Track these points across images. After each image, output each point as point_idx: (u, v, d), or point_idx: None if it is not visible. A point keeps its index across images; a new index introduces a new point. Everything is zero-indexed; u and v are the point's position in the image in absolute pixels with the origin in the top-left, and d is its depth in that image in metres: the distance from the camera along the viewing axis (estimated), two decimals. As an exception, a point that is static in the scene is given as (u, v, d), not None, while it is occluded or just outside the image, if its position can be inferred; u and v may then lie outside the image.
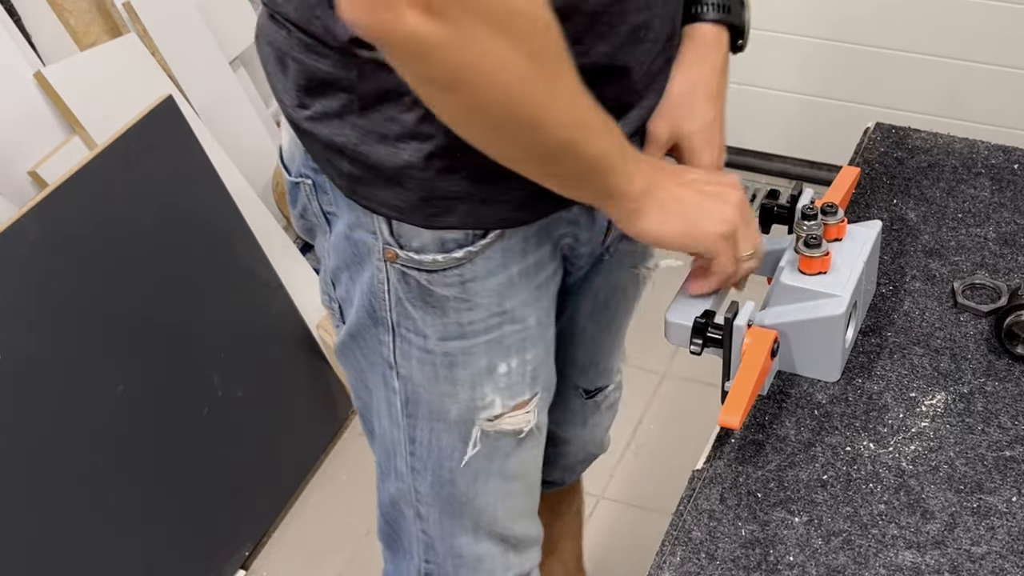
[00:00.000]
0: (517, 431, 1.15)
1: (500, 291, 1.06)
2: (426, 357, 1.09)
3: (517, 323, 1.09)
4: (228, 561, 2.00)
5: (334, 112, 0.98)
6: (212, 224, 2.01)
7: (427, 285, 1.04)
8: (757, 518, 1.01)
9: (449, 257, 1.02)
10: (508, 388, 1.12)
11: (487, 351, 1.09)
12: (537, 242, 1.07)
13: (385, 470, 1.22)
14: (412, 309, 1.06)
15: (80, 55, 2.02)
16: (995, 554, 0.97)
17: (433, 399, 1.11)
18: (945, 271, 1.24)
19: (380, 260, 1.04)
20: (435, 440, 1.14)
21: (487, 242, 1.03)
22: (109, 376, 1.77)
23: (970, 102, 2.55)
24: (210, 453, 1.95)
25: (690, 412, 2.21)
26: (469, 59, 0.80)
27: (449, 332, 1.07)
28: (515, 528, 1.24)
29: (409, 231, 1.02)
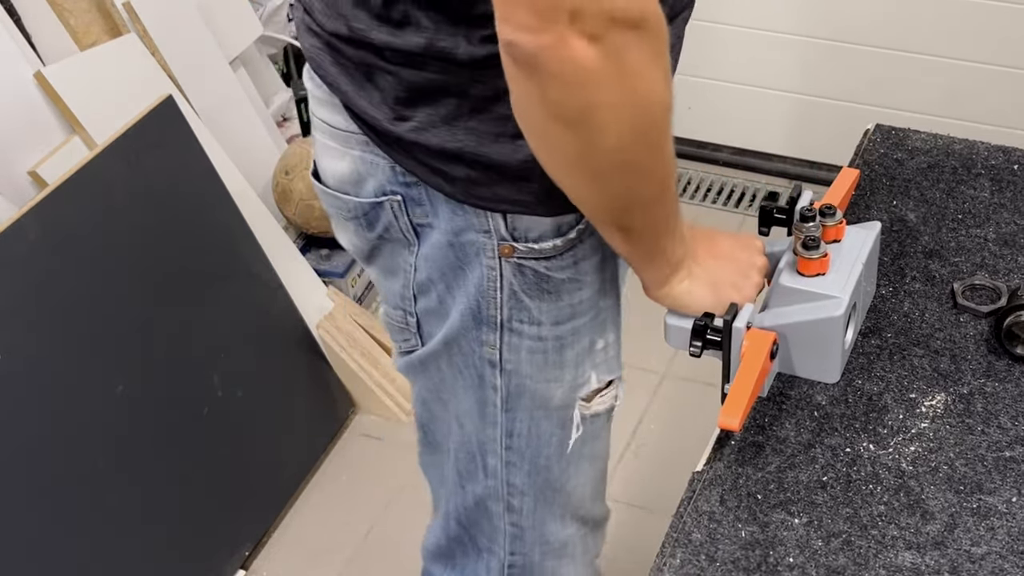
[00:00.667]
0: (609, 409, 1.19)
1: (601, 268, 1.10)
2: (537, 345, 1.10)
3: (610, 298, 1.13)
4: (228, 561, 2.00)
5: (440, 119, 0.97)
6: (212, 224, 2.01)
7: (545, 272, 1.06)
8: (757, 519, 1.01)
9: (567, 239, 1.04)
10: (605, 363, 1.16)
11: (590, 328, 1.12)
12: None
13: (468, 474, 1.21)
14: (528, 300, 1.07)
15: (80, 55, 2.02)
16: (995, 555, 0.97)
17: (539, 387, 1.13)
18: (945, 272, 1.24)
19: (492, 258, 1.05)
20: (534, 429, 1.16)
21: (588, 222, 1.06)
22: (109, 376, 1.77)
23: (970, 102, 2.55)
24: (210, 453, 1.95)
25: (690, 412, 2.21)
26: (616, 93, 0.83)
27: (562, 315, 1.09)
28: (595, 509, 1.28)
29: (527, 223, 1.03)
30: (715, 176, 2.92)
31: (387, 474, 2.18)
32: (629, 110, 0.85)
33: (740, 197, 2.86)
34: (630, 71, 0.82)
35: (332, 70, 1.01)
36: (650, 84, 0.85)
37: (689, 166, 2.95)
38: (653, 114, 0.87)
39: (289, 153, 2.31)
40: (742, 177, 2.91)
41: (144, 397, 1.82)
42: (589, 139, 0.87)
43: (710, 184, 2.90)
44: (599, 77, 0.81)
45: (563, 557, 1.26)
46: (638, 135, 0.88)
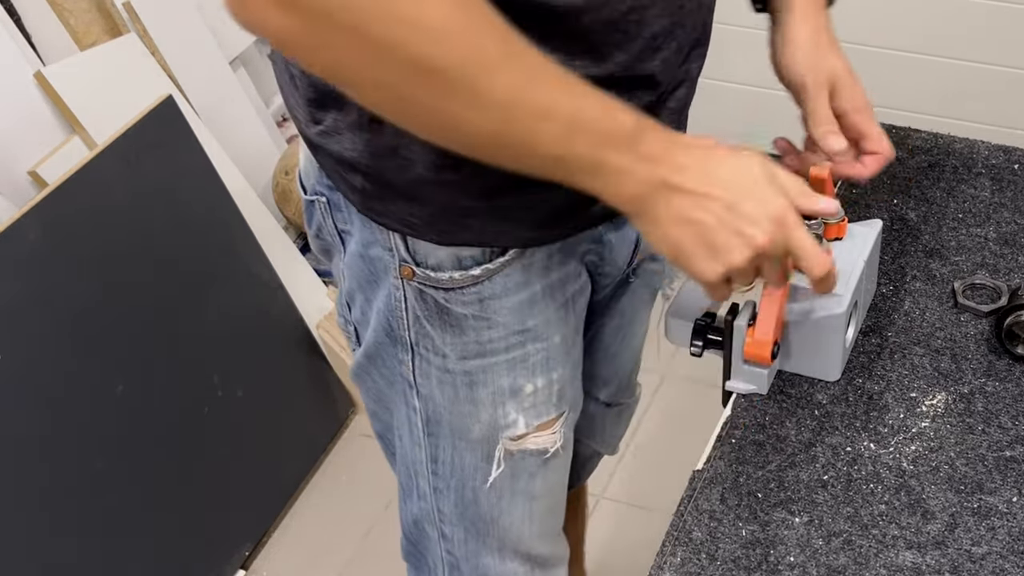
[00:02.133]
0: (542, 451, 1.13)
1: (521, 309, 1.03)
2: (446, 377, 1.06)
3: (541, 341, 1.06)
4: (228, 561, 2.00)
5: (345, 126, 0.95)
6: (212, 224, 2.01)
7: (444, 303, 1.01)
8: (758, 518, 1.01)
9: (466, 275, 0.99)
10: (533, 408, 1.09)
11: (509, 370, 1.06)
12: (562, 259, 1.04)
13: (407, 490, 1.20)
14: (430, 328, 1.03)
15: (80, 55, 2.02)
16: (996, 554, 0.97)
17: (454, 419, 1.09)
18: (945, 271, 1.24)
19: (396, 278, 1.02)
20: (458, 459, 1.12)
21: (506, 259, 1.00)
22: (109, 376, 1.77)
23: (970, 102, 2.55)
24: (210, 453, 1.95)
25: (690, 412, 2.21)
26: (330, 54, 0.76)
27: (468, 351, 1.04)
28: (541, 547, 1.22)
29: (425, 248, 0.99)
30: (715, 176, 2.92)
31: (387, 474, 2.16)
32: (357, 59, 0.76)
33: (740, 197, 2.86)
34: (324, 27, 0.74)
35: (278, 66, 1.03)
36: (359, 20, 0.73)
37: (689, 166, 2.95)
38: (394, 52, 0.75)
39: (289, 153, 2.31)
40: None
41: (144, 397, 1.82)
42: (357, 95, 0.81)
43: (710, 184, 2.90)
44: (305, 38, 0.75)
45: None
46: (396, 75, 0.76)
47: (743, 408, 1.11)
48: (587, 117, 0.81)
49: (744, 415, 1.11)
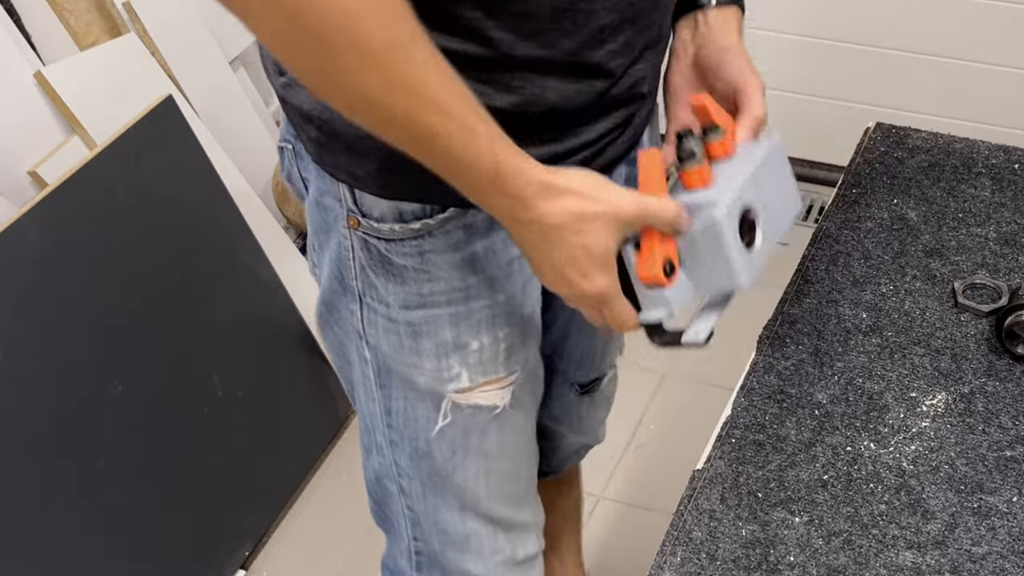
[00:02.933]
0: (491, 407, 1.14)
1: (462, 266, 1.06)
2: (391, 326, 1.09)
3: (484, 298, 1.08)
4: (228, 561, 2.00)
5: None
6: (212, 224, 2.01)
7: (386, 253, 1.05)
8: (758, 518, 1.01)
9: (406, 228, 1.03)
10: (479, 364, 1.11)
11: (452, 324, 1.09)
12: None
13: (367, 447, 1.23)
14: (374, 277, 1.07)
15: (80, 55, 2.02)
16: (996, 554, 0.97)
17: (401, 368, 1.12)
18: (946, 271, 1.24)
19: (344, 227, 1.06)
20: (410, 410, 1.15)
21: (446, 216, 1.02)
22: (109, 376, 1.77)
23: (970, 102, 2.55)
24: (210, 453, 1.95)
25: (690, 412, 2.21)
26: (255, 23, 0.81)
27: (410, 301, 1.07)
28: (501, 510, 1.23)
29: (370, 200, 1.03)
30: (715, 176, 2.92)
31: (387, 474, 2.18)
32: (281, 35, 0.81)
33: (740, 197, 2.86)
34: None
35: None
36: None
37: (689, 166, 2.95)
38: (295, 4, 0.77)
39: (289, 153, 2.31)
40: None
41: (144, 397, 1.82)
42: (257, 33, 0.84)
43: (710, 184, 2.90)
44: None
45: (466, 552, 1.23)
46: (288, 23, 0.79)
47: (743, 408, 1.11)
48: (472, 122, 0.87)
49: (744, 415, 1.11)
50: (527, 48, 0.93)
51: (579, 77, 0.97)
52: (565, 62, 0.96)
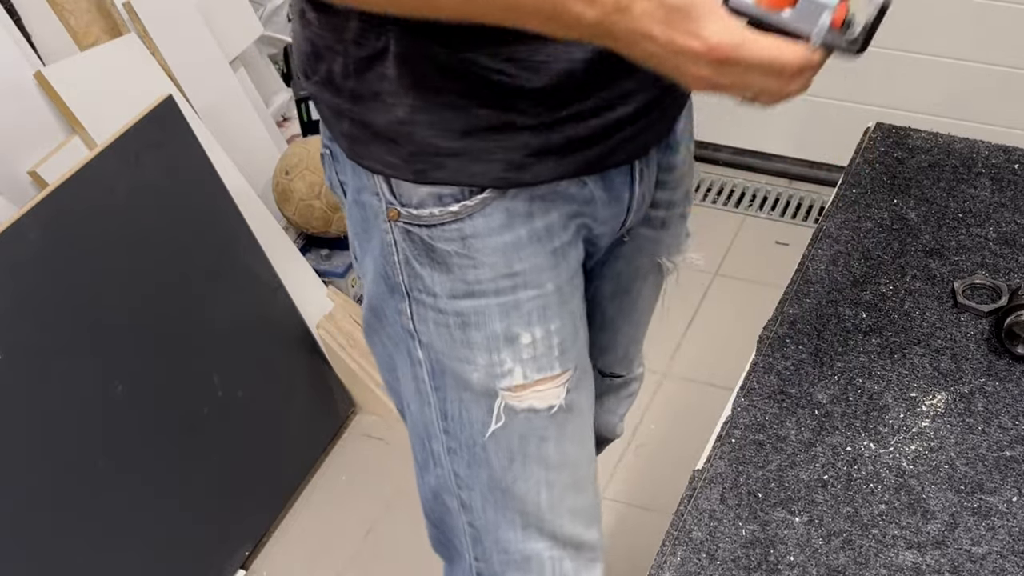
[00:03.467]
0: (548, 407, 1.11)
1: (506, 251, 1.05)
2: (440, 318, 1.08)
3: (532, 288, 1.07)
4: (228, 561, 2.00)
5: (334, 75, 1.01)
6: (212, 224, 2.01)
7: (429, 241, 1.05)
8: (758, 518, 1.01)
9: (445, 211, 1.03)
10: (533, 360, 1.09)
11: (502, 315, 1.07)
12: (544, 207, 1.05)
13: (423, 462, 1.19)
14: (419, 267, 1.07)
15: (80, 55, 2.02)
16: (996, 554, 0.97)
17: (454, 364, 1.10)
18: (945, 271, 1.24)
19: (385, 221, 1.05)
20: (465, 413, 1.12)
21: (485, 197, 1.02)
22: (109, 376, 1.77)
23: (970, 102, 2.55)
24: (210, 453, 1.95)
25: (690, 412, 2.21)
26: None
27: (457, 290, 1.06)
28: (566, 526, 1.18)
29: (407, 188, 1.03)
30: (715, 176, 2.92)
31: (387, 474, 2.17)
32: None
33: (740, 197, 2.86)
34: None
35: (294, 27, 1.08)
36: None
37: (689, 166, 2.95)
38: None
39: (289, 153, 2.31)
40: (742, 177, 2.91)
41: (144, 397, 1.82)
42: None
43: (710, 184, 2.90)
44: None
45: (528, 572, 1.18)
46: None
47: (743, 408, 1.11)
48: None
49: (744, 415, 1.11)
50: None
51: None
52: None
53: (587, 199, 1.08)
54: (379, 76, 0.98)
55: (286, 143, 2.45)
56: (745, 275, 2.58)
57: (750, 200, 2.85)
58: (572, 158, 1.03)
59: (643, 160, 1.11)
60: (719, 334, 2.38)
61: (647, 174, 1.13)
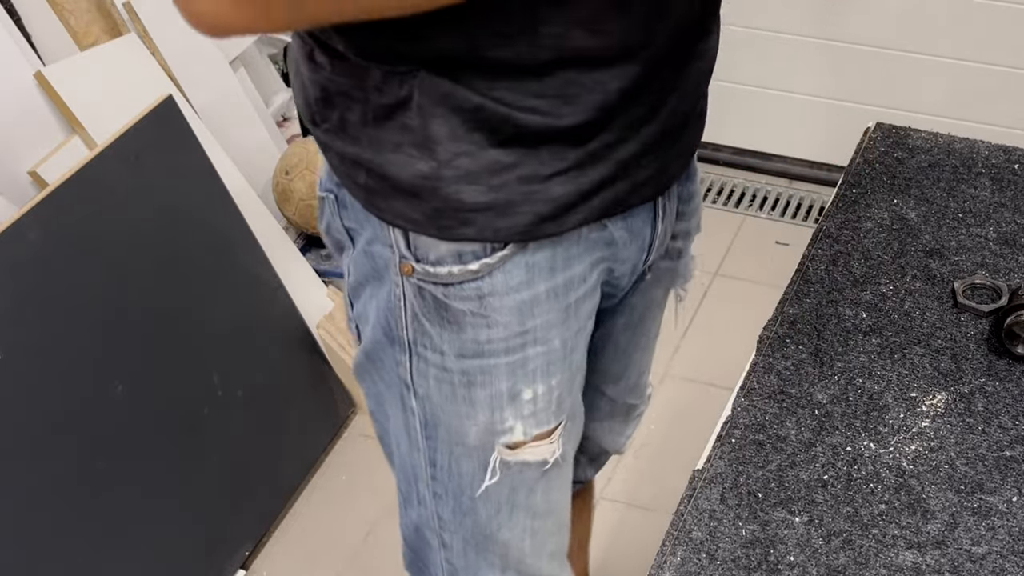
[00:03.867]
0: (541, 462, 1.11)
1: (522, 309, 1.02)
2: (444, 375, 1.06)
3: (540, 344, 1.05)
4: (228, 561, 2.00)
5: (349, 123, 0.96)
6: (212, 224, 2.01)
7: (443, 299, 1.01)
8: (758, 518, 1.01)
9: (465, 269, 0.99)
10: (533, 416, 1.08)
11: (509, 374, 1.05)
12: (566, 260, 1.03)
13: (407, 497, 1.18)
14: (428, 325, 1.03)
15: (80, 55, 2.02)
16: (996, 554, 0.97)
17: (451, 420, 1.08)
18: (945, 271, 1.24)
19: (397, 275, 1.02)
20: (455, 465, 1.11)
21: (506, 254, 0.99)
22: (109, 375, 1.77)
23: (970, 102, 2.55)
24: (210, 453, 1.95)
25: (690, 412, 2.21)
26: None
27: (467, 350, 1.04)
28: (544, 568, 1.19)
29: (425, 243, 0.99)
30: (715, 176, 2.92)
31: (387, 474, 2.16)
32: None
33: (740, 197, 2.86)
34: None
35: (292, 67, 1.04)
36: None
37: (689, 166, 2.95)
38: None
39: (289, 153, 2.31)
40: (742, 177, 2.91)
41: (144, 397, 1.82)
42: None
43: (710, 184, 2.90)
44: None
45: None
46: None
47: (743, 408, 1.11)
48: None
49: (744, 415, 1.11)
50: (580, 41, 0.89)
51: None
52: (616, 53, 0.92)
53: (608, 241, 1.05)
54: (401, 127, 0.93)
55: (286, 143, 2.45)
56: (745, 275, 2.58)
57: (750, 200, 2.85)
58: (598, 199, 0.99)
59: (666, 195, 1.08)
60: (719, 334, 2.38)
61: (669, 208, 1.10)
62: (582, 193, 0.97)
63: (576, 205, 0.98)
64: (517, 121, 0.92)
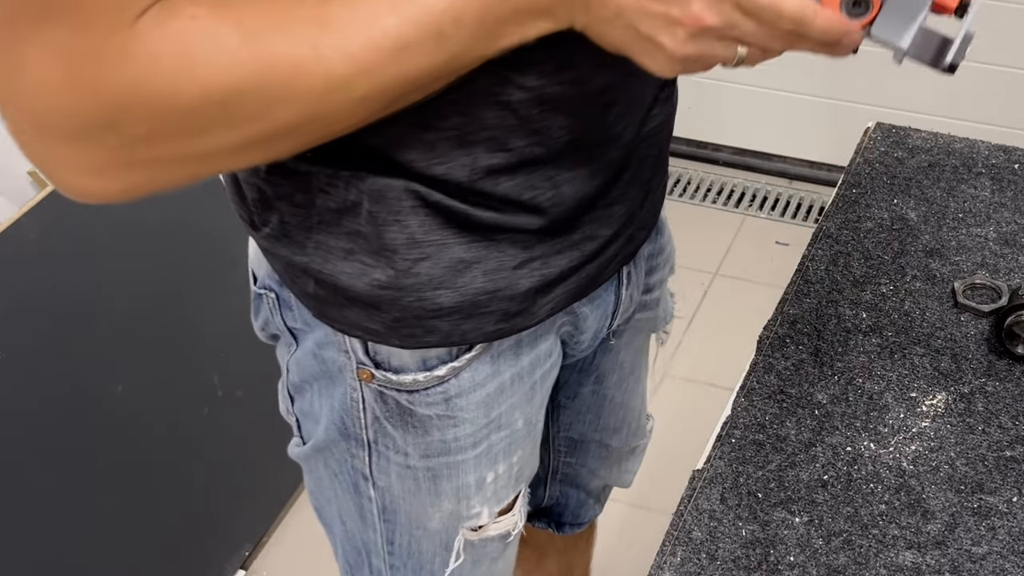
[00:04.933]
0: (504, 535, 1.10)
1: (488, 401, 0.98)
2: (407, 472, 1.01)
3: (504, 429, 1.01)
4: (228, 561, 2.00)
5: (292, 228, 0.88)
6: (212, 224, 2.01)
7: (408, 405, 0.95)
8: (758, 518, 1.01)
9: (431, 376, 0.94)
10: (495, 495, 1.05)
11: (476, 465, 1.01)
12: (532, 340, 0.98)
13: (356, 566, 1.14)
14: (391, 428, 0.98)
15: (80, 55, 2.02)
16: (996, 554, 0.97)
17: (413, 509, 1.04)
18: (946, 271, 1.24)
19: (354, 379, 0.96)
20: (415, 545, 1.08)
21: (473, 355, 0.94)
22: (109, 376, 1.77)
23: (970, 102, 2.55)
24: (210, 453, 1.95)
25: (690, 412, 2.21)
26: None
27: (432, 449, 0.99)
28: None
29: (387, 351, 0.93)
30: (715, 176, 2.92)
31: (387, 474, 2.17)
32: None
33: (740, 197, 2.86)
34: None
35: (224, 177, 0.97)
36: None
37: (689, 166, 2.95)
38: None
39: (289, 153, 2.31)
40: (742, 177, 2.91)
41: (144, 397, 1.82)
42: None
43: (710, 184, 2.90)
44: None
45: None
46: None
47: (743, 408, 1.11)
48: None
49: (744, 415, 1.11)
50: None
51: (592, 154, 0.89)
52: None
53: (570, 311, 1.02)
54: (352, 233, 0.85)
55: (286, 143, 2.45)
56: (745, 275, 2.58)
57: (750, 200, 2.85)
58: (566, 286, 0.94)
59: (632, 263, 1.05)
60: (719, 334, 2.38)
61: (635, 274, 1.07)
62: (550, 282, 0.92)
63: (545, 294, 0.93)
64: (479, 219, 0.86)
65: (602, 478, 1.42)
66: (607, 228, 0.95)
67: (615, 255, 0.98)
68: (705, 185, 2.89)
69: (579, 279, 0.95)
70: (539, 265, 0.91)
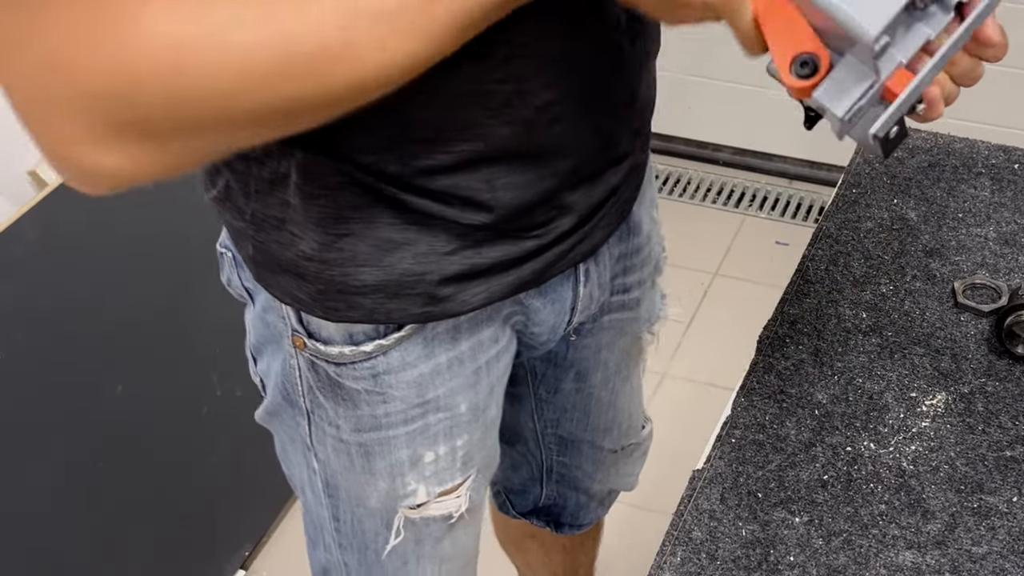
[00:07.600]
0: (446, 516, 1.09)
1: (421, 382, 0.97)
2: (340, 446, 1.02)
3: (443, 411, 1.01)
4: (228, 561, 2.00)
5: (233, 194, 0.90)
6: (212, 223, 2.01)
7: (336, 377, 0.97)
8: (758, 518, 1.01)
9: (357, 350, 0.94)
10: (435, 475, 1.05)
11: (408, 442, 1.01)
12: (472, 325, 0.97)
13: (314, 540, 1.17)
14: (323, 399, 0.99)
15: (80, 55, 2.02)
16: (996, 554, 0.97)
17: (351, 486, 1.05)
18: (946, 271, 1.24)
19: (291, 346, 0.98)
20: (357, 523, 1.09)
21: (403, 335, 0.94)
22: (109, 376, 1.77)
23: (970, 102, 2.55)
24: (210, 453, 1.95)
25: (690, 412, 2.21)
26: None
27: (363, 424, 1.00)
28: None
29: (317, 321, 0.94)
30: (715, 176, 2.92)
31: (387, 474, 2.17)
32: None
33: (740, 197, 2.86)
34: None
35: None
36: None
37: (689, 166, 2.95)
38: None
39: (289, 153, 2.31)
40: (742, 177, 2.91)
41: (144, 397, 1.82)
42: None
43: (710, 184, 2.90)
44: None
45: None
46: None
47: (743, 408, 1.11)
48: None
49: (744, 415, 1.11)
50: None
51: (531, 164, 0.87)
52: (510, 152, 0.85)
53: (516, 301, 1.00)
54: (282, 203, 0.87)
55: (286, 143, 2.45)
56: (745, 275, 2.58)
57: (750, 200, 2.85)
58: (503, 277, 0.93)
59: (591, 260, 1.03)
60: (719, 334, 2.38)
61: (595, 272, 1.05)
62: (480, 271, 0.91)
63: (474, 282, 0.91)
64: (414, 205, 0.85)
65: (601, 481, 1.42)
66: (554, 228, 0.93)
67: (566, 252, 0.96)
68: (705, 185, 2.89)
69: (519, 272, 0.93)
70: (471, 254, 0.90)
